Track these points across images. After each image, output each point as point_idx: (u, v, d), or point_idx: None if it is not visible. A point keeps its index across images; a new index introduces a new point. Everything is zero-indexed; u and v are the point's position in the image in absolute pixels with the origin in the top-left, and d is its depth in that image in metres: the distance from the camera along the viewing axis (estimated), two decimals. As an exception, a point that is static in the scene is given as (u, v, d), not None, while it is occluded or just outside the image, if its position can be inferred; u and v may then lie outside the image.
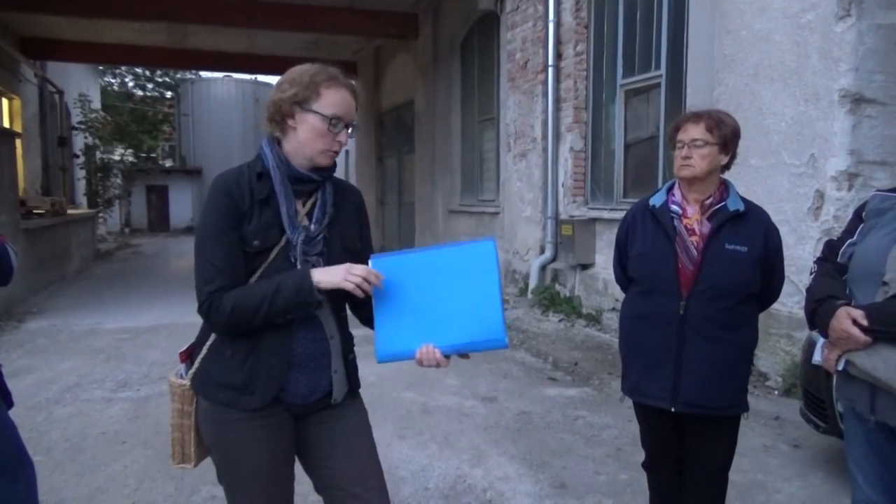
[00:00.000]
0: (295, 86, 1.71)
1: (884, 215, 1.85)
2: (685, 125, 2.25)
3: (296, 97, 1.71)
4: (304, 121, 1.71)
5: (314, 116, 1.70)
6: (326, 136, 1.71)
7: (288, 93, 1.71)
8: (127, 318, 7.76)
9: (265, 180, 1.73)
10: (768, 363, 4.88)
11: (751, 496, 3.21)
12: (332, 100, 1.71)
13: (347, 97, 1.74)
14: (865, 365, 1.68)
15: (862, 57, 4.29)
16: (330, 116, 1.70)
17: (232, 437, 1.74)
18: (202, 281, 1.67)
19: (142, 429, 4.15)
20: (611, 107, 7.48)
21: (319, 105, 1.70)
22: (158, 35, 14.01)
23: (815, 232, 4.52)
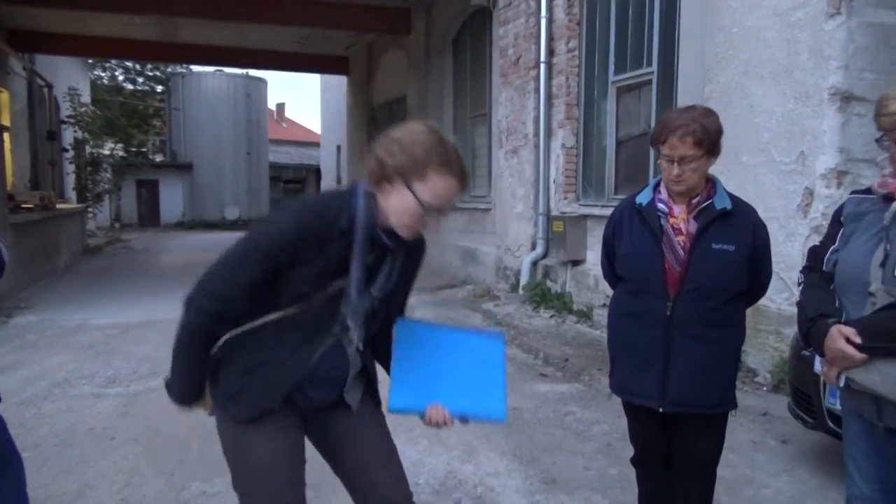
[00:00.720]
0: (405, 156, 1.58)
1: (861, 219, 1.84)
2: (670, 139, 2.15)
3: (401, 169, 1.59)
4: (401, 193, 1.60)
5: (411, 197, 1.59)
6: (417, 218, 1.62)
7: (395, 160, 1.59)
8: (117, 313, 7.72)
9: (346, 238, 1.63)
10: (757, 359, 4.91)
11: (739, 491, 3.23)
12: (437, 188, 1.59)
13: (454, 187, 1.62)
14: (865, 381, 1.69)
15: (852, 55, 4.31)
16: (427, 205, 1.60)
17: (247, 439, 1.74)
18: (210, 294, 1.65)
19: (131, 425, 4.13)
20: (602, 103, 7.49)
21: (422, 189, 1.58)
22: (149, 28, 13.91)
23: (804, 229, 4.54)
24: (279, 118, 41.81)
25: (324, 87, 21.90)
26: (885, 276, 1.69)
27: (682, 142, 2.13)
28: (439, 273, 11.00)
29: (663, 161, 2.21)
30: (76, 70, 18.91)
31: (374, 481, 1.86)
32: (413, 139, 1.60)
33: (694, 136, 2.13)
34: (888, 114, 1.70)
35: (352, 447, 1.88)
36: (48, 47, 14.33)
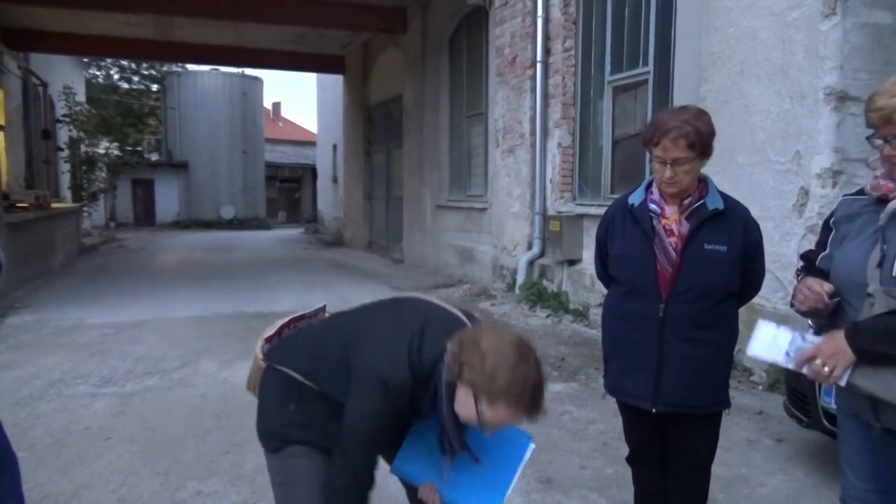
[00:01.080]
0: (484, 378, 1.63)
1: (856, 220, 1.83)
2: (662, 141, 2.14)
3: (476, 385, 1.65)
4: (468, 399, 1.68)
5: (472, 404, 1.66)
6: (474, 421, 1.71)
7: (474, 375, 1.65)
8: (112, 313, 7.69)
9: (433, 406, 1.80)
10: (752, 359, 4.92)
11: (735, 490, 3.24)
12: (500, 416, 1.67)
13: (518, 418, 1.69)
14: (868, 388, 1.68)
15: (847, 55, 4.32)
16: (487, 424, 1.68)
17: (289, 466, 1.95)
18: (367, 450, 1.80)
19: (127, 424, 4.12)
20: (599, 103, 7.50)
21: (487, 410, 1.66)
22: (144, 27, 13.87)
23: (799, 229, 4.56)
24: (275, 117, 41.73)
25: (320, 87, 21.86)
26: (883, 277, 1.68)
27: (675, 144, 2.12)
28: (435, 272, 11.00)
29: (656, 163, 2.21)
30: (71, 69, 18.85)
31: None
32: (496, 365, 1.63)
33: (687, 138, 2.12)
34: (876, 109, 1.69)
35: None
36: (43, 46, 14.28)
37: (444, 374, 1.73)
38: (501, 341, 1.67)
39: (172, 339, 6.38)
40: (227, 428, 4.03)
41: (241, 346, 6.02)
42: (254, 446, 3.63)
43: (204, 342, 6.25)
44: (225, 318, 7.41)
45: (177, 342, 6.26)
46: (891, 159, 1.70)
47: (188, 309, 7.99)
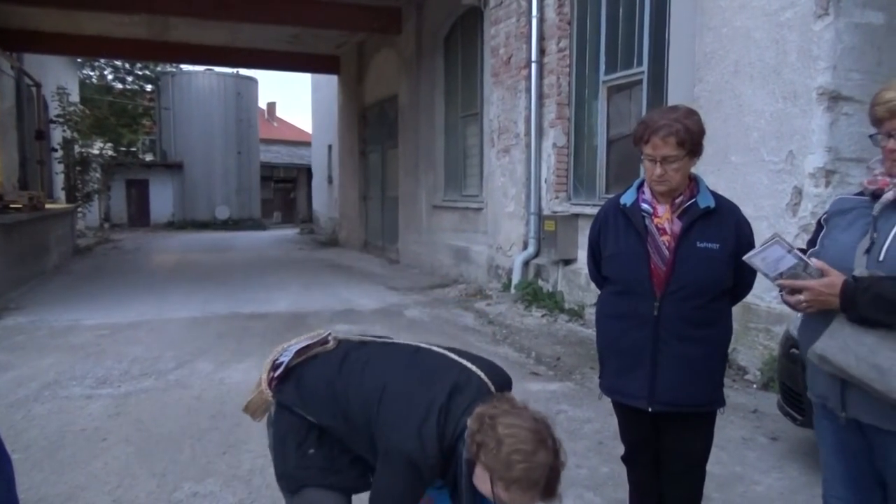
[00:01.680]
0: (499, 463, 1.63)
1: (847, 214, 1.86)
2: (653, 139, 2.17)
3: (492, 469, 1.65)
4: (485, 478, 1.68)
5: (487, 486, 1.68)
6: (490, 497, 1.71)
7: (489, 459, 1.65)
8: (107, 314, 7.67)
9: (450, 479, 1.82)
10: (747, 357, 4.95)
11: (730, 488, 3.26)
12: (516, 499, 1.66)
13: (533, 501, 1.68)
14: (839, 361, 1.68)
15: (840, 55, 4.35)
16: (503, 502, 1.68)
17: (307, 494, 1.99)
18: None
19: (123, 425, 4.11)
20: (593, 103, 7.52)
21: (503, 493, 1.66)
22: (138, 27, 13.83)
23: (793, 228, 4.58)
24: (270, 117, 41.66)
25: (314, 87, 21.84)
26: (870, 262, 1.71)
27: (665, 142, 2.15)
28: (431, 272, 11.01)
29: (646, 161, 2.23)
30: (65, 69, 18.79)
31: None
32: (511, 451, 1.62)
33: (677, 136, 2.14)
34: (884, 102, 1.71)
35: None
36: (37, 46, 14.22)
37: (464, 452, 1.73)
38: (519, 426, 1.66)
39: (168, 340, 6.37)
40: (224, 429, 4.02)
41: (236, 346, 6.02)
42: (250, 447, 3.65)
43: (199, 343, 6.24)
44: (220, 319, 7.40)
45: (172, 343, 6.24)
46: (893, 154, 1.72)
47: (184, 310, 7.98)
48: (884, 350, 1.63)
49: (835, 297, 1.67)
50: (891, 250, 1.69)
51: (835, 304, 1.69)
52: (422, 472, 1.77)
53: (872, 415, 1.72)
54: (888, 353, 1.63)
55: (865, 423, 1.75)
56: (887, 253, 1.69)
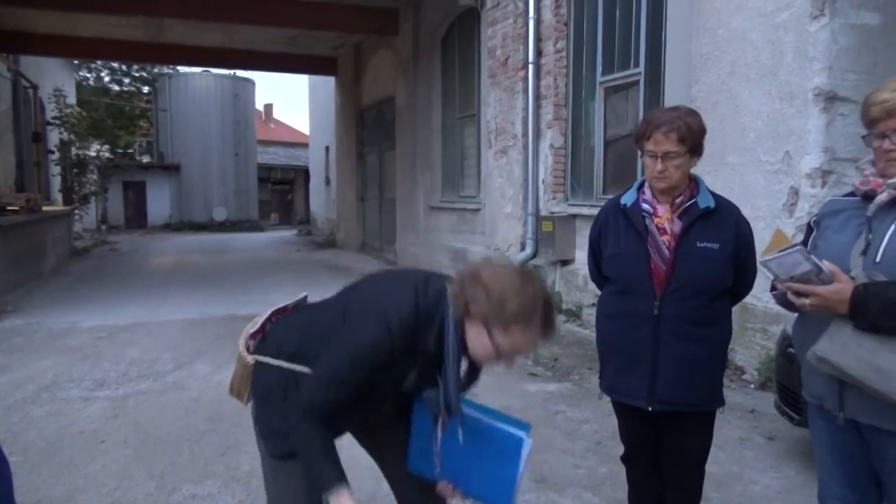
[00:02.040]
0: (491, 306, 1.60)
1: (838, 215, 1.86)
2: (654, 135, 2.18)
3: (484, 317, 1.62)
4: (481, 334, 1.64)
5: (487, 338, 1.63)
6: (493, 357, 1.67)
7: (480, 308, 1.62)
8: (104, 316, 7.67)
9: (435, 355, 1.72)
10: (744, 357, 4.96)
11: (727, 487, 3.27)
12: (517, 341, 1.63)
13: (536, 340, 1.66)
14: (839, 362, 1.68)
15: (835, 56, 4.37)
16: (501, 350, 1.64)
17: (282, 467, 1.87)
18: (330, 388, 1.69)
19: (121, 427, 4.11)
20: (590, 104, 7.53)
21: (502, 338, 1.62)
22: (135, 29, 13.82)
23: (790, 228, 4.59)
24: (267, 119, 41.63)
25: (311, 88, 21.84)
26: (866, 263, 1.71)
27: (667, 137, 2.17)
28: (429, 273, 11.00)
29: (647, 157, 2.24)
30: (61, 71, 18.76)
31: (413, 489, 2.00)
32: (502, 291, 1.61)
33: (678, 132, 2.16)
34: (879, 102, 1.71)
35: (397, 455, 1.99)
36: (33, 48, 14.19)
37: (451, 319, 1.69)
38: (502, 271, 1.67)
39: (166, 342, 6.36)
40: (222, 430, 4.02)
41: (234, 348, 5.95)
42: (249, 448, 3.64)
43: (197, 345, 6.24)
44: (218, 321, 7.39)
45: (170, 345, 6.24)
46: (887, 154, 1.72)
47: (181, 312, 7.97)
48: (884, 352, 1.63)
49: (843, 303, 1.66)
50: (887, 251, 1.69)
51: (841, 311, 1.67)
52: (393, 329, 1.65)
53: (871, 415, 1.72)
54: (888, 354, 1.63)
55: (863, 423, 1.75)
56: (884, 254, 1.69)
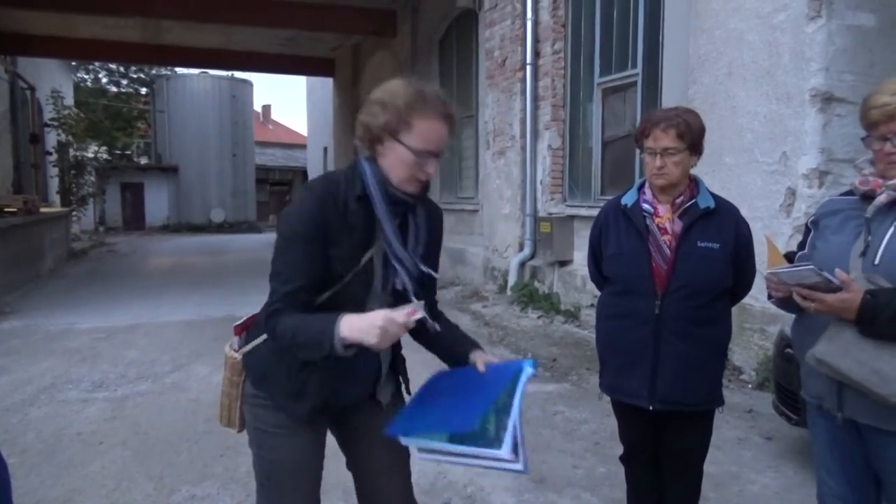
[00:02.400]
0: (387, 113, 1.62)
1: (836, 216, 1.87)
2: (653, 132, 2.21)
3: (387, 126, 1.63)
4: (393, 149, 1.64)
5: (403, 148, 1.63)
6: (412, 167, 1.65)
7: (378, 119, 1.64)
8: (103, 317, 7.66)
9: (363, 204, 1.67)
10: (742, 357, 4.97)
11: (726, 487, 3.28)
12: (424, 132, 1.62)
13: (441, 128, 1.64)
14: (839, 365, 1.69)
15: (832, 57, 4.38)
16: (416, 150, 1.62)
17: (276, 429, 1.79)
18: (279, 281, 1.66)
19: (120, 429, 4.11)
20: (588, 105, 7.55)
21: (409, 138, 1.62)
22: (132, 31, 13.83)
23: (787, 229, 4.61)
24: (265, 120, 41.65)
25: (310, 89, 21.86)
26: (865, 265, 1.71)
27: (665, 133, 2.19)
28: (427, 274, 11.00)
29: (647, 156, 2.26)
30: (59, 72, 18.75)
31: (381, 489, 1.93)
32: (392, 95, 1.64)
33: (677, 128, 2.19)
34: (880, 105, 1.71)
35: (369, 450, 1.91)
36: (31, 50, 14.21)
37: (363, 158, 1.71)
38: (387, 85, 1.68)
39: (164, 344, 6.36)
40: (220, 431, 3.98)
41: (233, 349, 6.02)
42: (247, 449, 3.63)
43: (196, 346, 6.24)
44: (216, 322, 7.39)
45: (169, 346, 6.24)
46: (889, 157, 1.72)
47: (179, 313, 7.97)
48: (885, 355, 1.64)
49: (851, 312, 1.66)
50: (886, 254, 1.70)
51: (848, 317, 1.67)
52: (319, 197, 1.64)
53: (869, 415, 1.73)
54: (889, 357, 1.63)
55: (862, 423, 1.76)
56: (882, 256, 1.70)
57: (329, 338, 1.55)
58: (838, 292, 1.67)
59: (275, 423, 1.79)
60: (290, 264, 1.65)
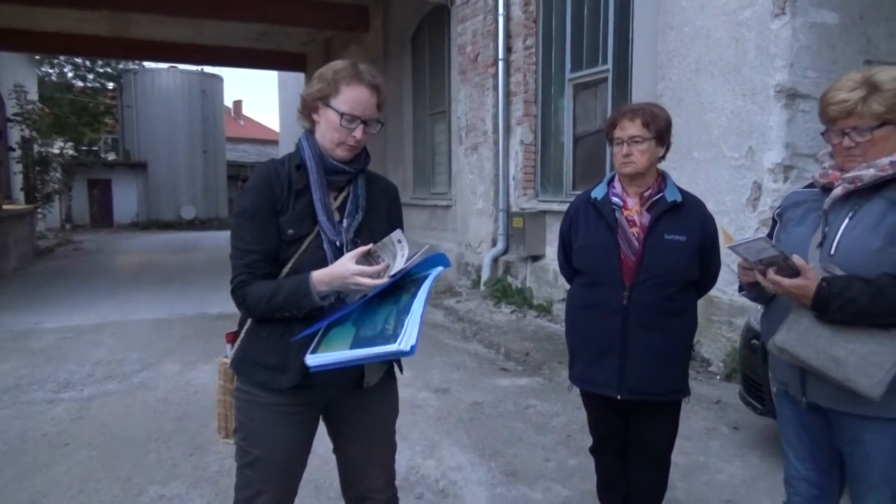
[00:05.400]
0: (321, 82, 1.79)
1: (799, 207, 1.93)
2: (621, 122, 2.29)
3: (320, 93, 1.79)
4: (325, 115, 1.80)
5: (331, 112, 1.78)
6: (341, 131, 1.78)
7: (314, 88, 1.80)
8: (69, 316, 7.51)
9: (303, 172, 1.81)
10: (710, 349, 5.06)
11: (693, 477, 3.33)
12: (348, 97, 1.77)
13: (365, 94, 1.78)
14: (798, 352, 1.75)
15: (796, 53, 4.46)
16: (342, 113, 1.76)
17: (259, 419, 1.83)
18: (237, 256, 1.77)
19: (86, 429, 4.04)
20: (560, 100, 7.59)
21: (336, 101, 1.77)
22: (99, 24, 13.53)
23: (753, 222, 4.69)
24: (236, 116, 41.15)
25: (281, 84, 21.65)
26: (822, 255, 1.78)
27: (632, 122, 2.27)
28: (401, 270, 10.98)
29: (615, 147, 2.32)
30: (22, 67, 18.29)
31: (366, 477, 1.97)
32: (328, 66, 1.83)
33: (642, 116, 2.27)
34: (838, 102, 1.76)
35: (358, 438, 1.95)
36: (-8, 43, 13.84)
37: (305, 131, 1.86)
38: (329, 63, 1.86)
39: (133, 342, 6.26)
40: (190, 430, 3.98)
41: (203, 347, 5.95)
42: (217, 448, 3.61)
43: (165, 344, 6.15)
44: (187, 320, 7.29)
45: (137, 345, 6.14)
46: (849, 151, 1.78)
47: (149, 311, 7.85)
48: (839, 341, 1.70)
49: (807, 298, 1.71)
50: (841, 244, 1.75)
51: (804, 303, 1.73)
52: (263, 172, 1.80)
53: (830, 399, 1.79)
54: (844, 343, 1.69)
55: (825, 406, 1.83)
56: (838, 247, 1.76)
57: (305, 288, 1.68)
58: (796, 278, 1.71)
59: (260, 417, 1.82)
60: (245, 239, 1.76)
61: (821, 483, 1.95)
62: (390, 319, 1.65)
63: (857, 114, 1.73)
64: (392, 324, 1.63)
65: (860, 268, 1.70)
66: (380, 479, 1.99)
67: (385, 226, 1.87)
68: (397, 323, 1.62)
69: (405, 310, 1.64)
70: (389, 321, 1.65)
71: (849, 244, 1.74)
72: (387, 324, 1.64)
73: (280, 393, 1.79)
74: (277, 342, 1.77)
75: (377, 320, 1.67)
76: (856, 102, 1.73)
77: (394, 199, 2.02)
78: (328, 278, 1.68)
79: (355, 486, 2.00)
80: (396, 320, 1.63)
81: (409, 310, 1.63)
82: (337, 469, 2.03)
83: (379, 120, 1.85)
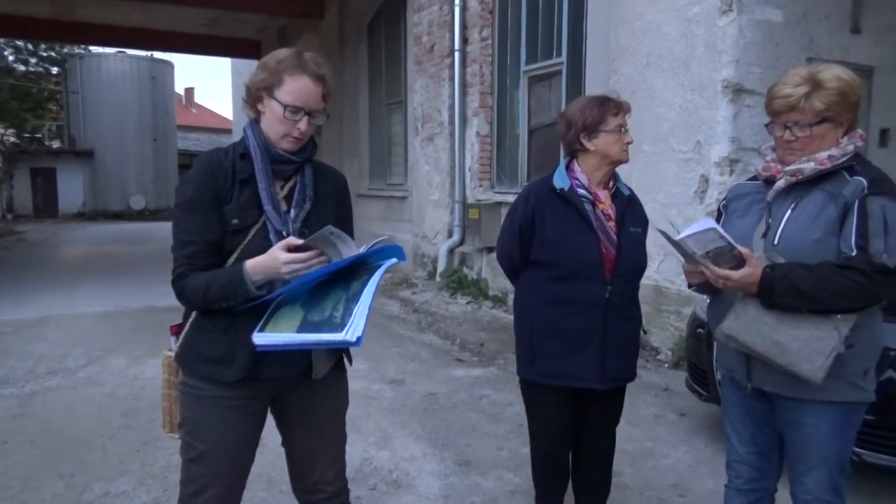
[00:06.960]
0: (265, 71, 1.76)
1: (743, 199, 2.00)
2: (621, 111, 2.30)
3: (263, 83, 1.76)
4: (269, 106, 1.77)
5: (275, 103, 1.75)
6: (285, 122, 1.75)
7: (258, 77, 1.78)
8: (10, 310, 7.23)
9: (247, 161, 1.77)
10: (659, 338, 5.18)
11: (641, 462, 3.41)
12: (292, 87, 1.74)
13: (309, 86, 1.75)
14: (744, 339, 1.81)
15: (742, 50, 4.58)
16: (286, 105, 1.73)
17: (204, 413, 1.80)
18: (178, 247, 1.73)
19: (27, 426, 3.91)
20: (515, 92, 7.63)
21: (280, 92, 1.74)
22: (43, 5, 13.00)
23: (700, 215, 4.80)
24: (188, 103, 40.15)
25: (235, 72, 21.15)
26: (766, 246, 1.84)
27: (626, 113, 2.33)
28: (357, 262, 10.92)
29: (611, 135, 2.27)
30: (-42, 49, 17.48)
31: (314, 470, 1.96)
32: (272, 55, 1.80)
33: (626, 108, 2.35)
34: (783, 96, 1.82)
35: (306, 432, 1.93)
36: (-75, 23, 13.17)
37: (249, 120, 1.84)
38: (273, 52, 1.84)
39: (78, 336, 6.07)
40: (137, 426, 3.88)
41: (152, 340, 5.80)
42: (165, 444, 3.53)
43: (112, 338, 5.99)
44: (135, 313, 7.11)
45: (83, 339, 5.96)
46: (789, 144, 1.84)
47: (95, 304, 7.62)
48: (784, 328, 1.76)
49: (753, 285, 1.76)
50: (784, 234, 1.82)
51: (751, 291, 1.78)
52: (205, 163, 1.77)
53: (774, 384, 1.87)
54: (788, 329, 1.76)
55: (769, 391, 1.90)
56: (781, 237, 1.82)
57: (240, 278, 1.66)
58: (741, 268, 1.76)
59: (205, 411, 1.79)
60: (186, 230, 1.73)
61: (760, 465, 2.03)
62: (339, 306, 1.64)
63: (800, 109, 1.79)
64: (340, 311, 1.62)
65: (802, 257, 1.76)
66: (329, 471, 1.97)
67: (332, 216, 1.84)
68: (346, 311, 1.61)
69: (354, 298, 1.63)
70: (338, 308, 1.64)
71: (791, 234, 1.81)
72: (335, 310, 1.63)
73: (226, 386, 1.76)
74: (223, 335, 1.75)
75: (325, 305, 1.66)
76: (799, 98, 1.79)
77: (343, 190, 1.98)
78: (262, 268, 1.66)
79: (305, 479, 1.98)
80: (345, 308, 1.62)
81: (357, 299, 1.62)
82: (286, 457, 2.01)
83: (325, 111, 1.81)
